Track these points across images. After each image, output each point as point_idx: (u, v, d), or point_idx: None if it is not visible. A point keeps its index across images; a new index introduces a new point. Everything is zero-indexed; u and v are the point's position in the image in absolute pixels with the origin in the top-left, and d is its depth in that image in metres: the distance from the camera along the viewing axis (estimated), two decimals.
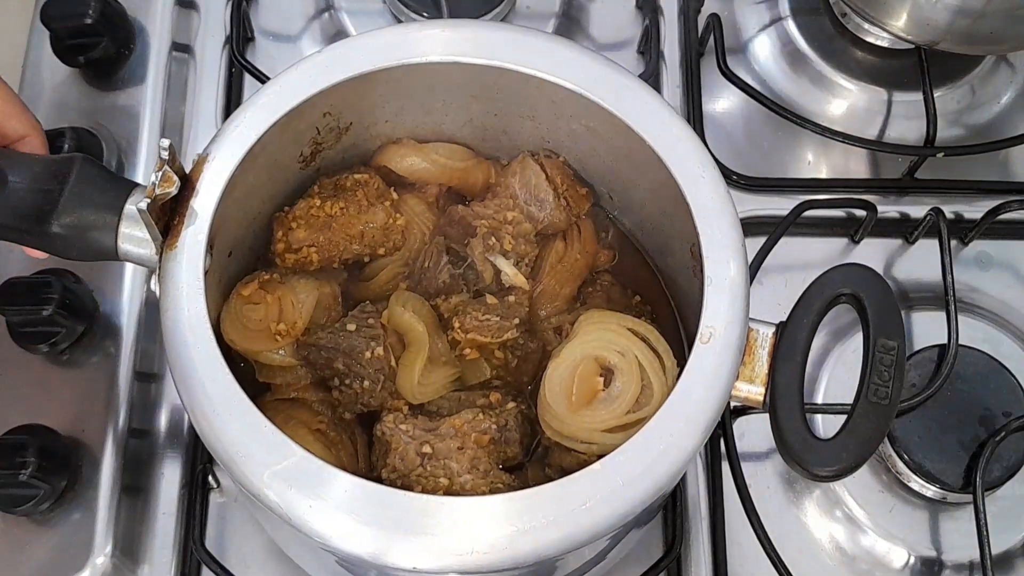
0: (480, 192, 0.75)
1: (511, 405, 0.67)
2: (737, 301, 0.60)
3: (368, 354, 0.66)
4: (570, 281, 0.73)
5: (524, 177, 0.72)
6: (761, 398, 0.60)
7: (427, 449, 0.63)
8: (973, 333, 0.85)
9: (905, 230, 0.91)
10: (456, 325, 0.68)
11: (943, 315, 0.82)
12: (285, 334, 0.67)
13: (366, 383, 0.66)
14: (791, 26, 0.98)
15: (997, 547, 0.78)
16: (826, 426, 0.83)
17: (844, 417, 0.59)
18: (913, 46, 0.91)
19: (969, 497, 0.78)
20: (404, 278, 0.72)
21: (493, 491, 0.62)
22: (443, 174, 0.74)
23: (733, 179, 0.90)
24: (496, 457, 0.65)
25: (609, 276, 0.75)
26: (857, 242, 0.91)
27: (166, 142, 0.58)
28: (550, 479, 0.56)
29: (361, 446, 0.68)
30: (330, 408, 0.68)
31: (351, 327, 0.67)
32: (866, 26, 0.95)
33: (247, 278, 0.68)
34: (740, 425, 0.82)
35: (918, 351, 0.82)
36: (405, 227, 0.72)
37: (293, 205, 0.70)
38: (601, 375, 0.64)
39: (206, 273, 0.60)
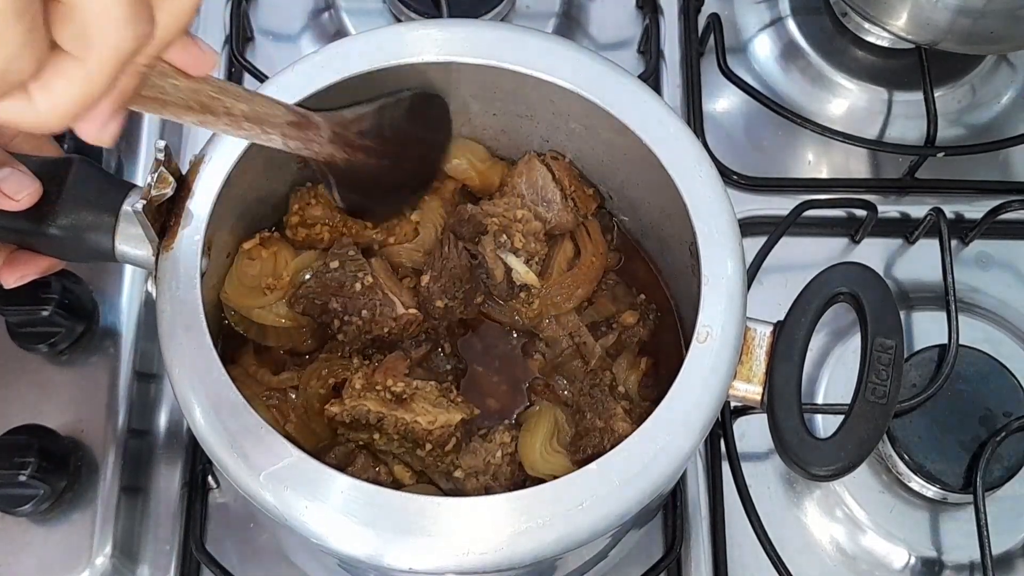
0: (492, 192, 0.75)
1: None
2: (734, 300, 0.59)
3: (358, 286, 0.67)
4: (586, 283, 0.72)
5: (531, 178, 0.72)
6: (759, 397, 0.60)
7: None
8: (973, 333, 0.85)
9: (905, 230, 0.91)
10: None
11: (943, 315, 0.81)
12: (273, 287, 0.68)
13: (364, 312, 0.67)
14: (791, 26, 0.98)
15: (997, 547, 0.77)
16: (826, 426, 0.83)
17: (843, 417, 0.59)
18: (914, 46, 0.91)
19: (969, 497, 0.78)
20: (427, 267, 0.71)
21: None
22: (467, 174, 0.74)
23: (733, 179, 0.90)
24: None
25: (614, 276, 0.75)
26: (857, 242, 0.90)
27: (162, 143, 0.58)
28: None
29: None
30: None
31: (334, 264, 0.67)
32: (866, 26, 0.95)
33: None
34: (740, 425, 0.81)
35: (918, 351, 0.82)
36: (419, 222, 0.72)
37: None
38: None
39: (203, 275, 0.60)
